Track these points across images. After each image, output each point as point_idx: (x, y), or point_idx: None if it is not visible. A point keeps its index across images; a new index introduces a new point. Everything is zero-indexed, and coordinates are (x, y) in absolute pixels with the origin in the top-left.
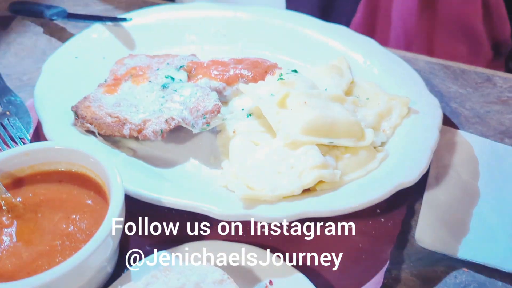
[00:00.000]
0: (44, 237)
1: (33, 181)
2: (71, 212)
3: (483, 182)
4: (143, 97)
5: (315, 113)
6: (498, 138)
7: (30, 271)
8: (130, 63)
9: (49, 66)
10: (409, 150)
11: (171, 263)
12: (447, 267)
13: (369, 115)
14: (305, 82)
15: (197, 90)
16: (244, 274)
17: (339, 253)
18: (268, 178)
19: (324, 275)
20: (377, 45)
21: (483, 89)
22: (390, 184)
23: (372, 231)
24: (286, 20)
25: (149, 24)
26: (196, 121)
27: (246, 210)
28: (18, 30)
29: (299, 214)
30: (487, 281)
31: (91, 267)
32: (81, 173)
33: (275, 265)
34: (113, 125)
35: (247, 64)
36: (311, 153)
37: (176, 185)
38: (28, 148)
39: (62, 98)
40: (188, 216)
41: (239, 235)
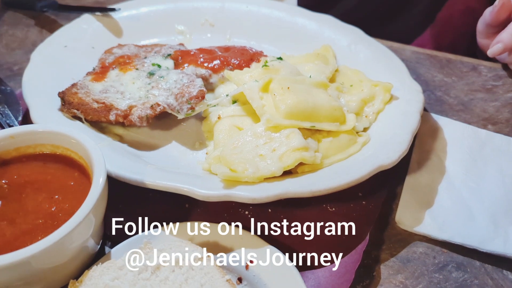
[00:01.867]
0: (28, 217)
1: (18, 163)
2: (55, 193)
3: (464, 167)
4: (129, 84)
5: (298, 98)
6: (481, 125)
7: (13, 248)
8: (119, 52)
9: (38, 55)
10: (390, 134)
11: (152, 242)
12: (426, 248)
13: (352, 101)
14: (290, 69)
15: (182, 77)
16: (224, 253)
17: (320, 234)
18: (250, 161)
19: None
20: (362, 34)
21: (468, 77)
22: (370, 166)
23: (353, 213)
24: (273, 10)
25: (138, 15)
26: (181, 106)
27: (227, 191)
28: (10, 22)
29: (279, 194)
30: (465, 260)
31: (72, 244)
32: (65, 155)
33: (256, 245)
34: (99, 111)
35: (233, 52)
36: (293, 136)
37: (160, 168)
38: (13, 131)
39: (50, 85)
40: (173, 199)
41: (221, 217)
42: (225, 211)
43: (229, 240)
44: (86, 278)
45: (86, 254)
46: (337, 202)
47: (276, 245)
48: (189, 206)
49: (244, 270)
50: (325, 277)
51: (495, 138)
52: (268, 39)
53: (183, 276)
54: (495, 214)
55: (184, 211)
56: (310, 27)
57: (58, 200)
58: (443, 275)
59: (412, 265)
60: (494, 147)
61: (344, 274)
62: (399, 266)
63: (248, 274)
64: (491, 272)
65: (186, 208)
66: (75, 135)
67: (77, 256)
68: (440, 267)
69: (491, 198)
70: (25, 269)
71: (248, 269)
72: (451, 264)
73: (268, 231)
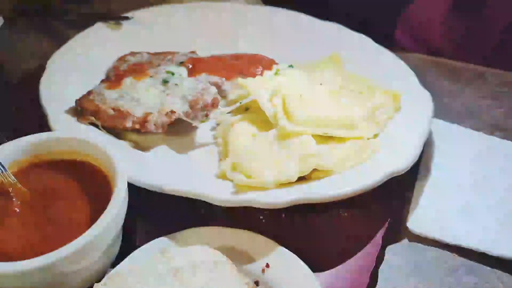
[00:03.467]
0: (51, 222)
1: (39, 170)
2: (76, 198)
3: (472, 172)
4: (144, 91)
5: (310, 105)
6: (488, 132)
7: (37, 253)
8: (132, 60)
9: (54, 63)
10: (401, 141)
11: (170, 247)
12: (438, 252)
13: (363, 108)
14: (301, 77)
15: (196, 85)
16: (241, 258)
17: (334, 239)
18: (265, 167)
19: (319, 259)
20: (370, 42)
21: (475, 84)
22: (383, 172)
23: (365, 218)
24: (283, 18)
25: (150, 23)
26: (196, 114)
27: (244, 196)
28: (23, 30)
29: (294, 200)
30: (476, 265)
31: (95, 249)
32: (85, 161)
33: (271, 249)
34: (115, 118)
35: (245, 60)
36: (306, 142)
37: (176, 174)
38: (33, 138)
39: (66, 92)
40: (188, 205)
41: (237, 222)
42: (240, 217)
43: (244, 245)
44: (109, 281)
45: (107, 258)
46: (349, 206)
47: (290, 249)
48: (205, 212)
49: (261, 273)
50: (339, 280)
51: (502, 144)
52: (278, 48)
53: (203, 280)
54: (504, 219)
55: (200, 217)
56: (319, 35)
57: (79, 206)
58: (455, 278)
59: (424, 269)
60: (502, 153)
61: (359, 279)
62: (411, 270)
63: (265, 278)
64: (502, 276)
65: (202, 214)
66: (95, 141)
67: (99, 260)
68: (452, 271)
69: (500, 203)
70: (49, 273)
71: (264, 273)
72: (462, 268)
73: (283, 235)
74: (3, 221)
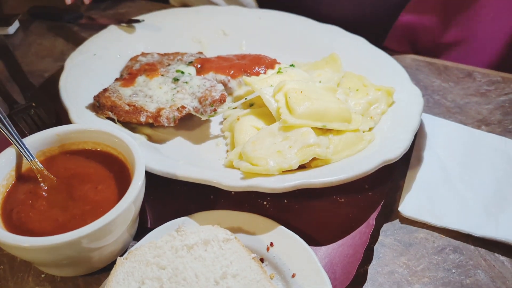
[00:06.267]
0: (76, 204)
1: (63, 158)
2: (98, 183)
3: (459, 162)
4: (156, 89)
5: (311, 101)
6: (475, 126)
7: (65, 230)
8: (143, 60)
9: (71, 62)
10: (393, 133)
11: (184, 226)
12: (426, 233)
13: (359, 103)
14: (302, 75)
15: (205, 82)
16: (247, 237)
17: (331, 221)
18: (269, 156)
19: (317, 239)
20: (366, 43)
21: (464, 83)
22: (376, 160)
23: (360, 203)
24: (284, 21)
25: (160, 25)
26: (204, 109)
27: (250, 182)
28: (37, 32)
29: (296, 185)
30: (461, 244)
31: (116, 227)
32: (105, 151)
33: (275, 229)
34: (131, 113)
35: (250, 60)
36: (307, 134)
37: (188, 163)
38: (59, 130)
39: (83, 89)
40: (199, 191)
41: (242, 207)
42: (246, 201)
43: (250, 226)
44: (130, 255)
45: (127, 236)
46: (346, 193)
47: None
48: (213, 197)
49: (265, 251)
50: (336, 257)
51: (488, 137)
52: (280, 48)
53: (214, 255)
54: (487, 203)
55: (210, 202)
56: (318, 36)
57: (101, 190)
58: (442, 257)
59: (414, 248)
60: (487, 145)
61: (354, 255)
62: (402, 249)
63: (269, 255)
64: (484, 254)
65: (211, 199)
66: (116, 133)
67: (120, 238)
68: (439, 250)
69: (484, 190)
70: (76, 248)
71: (269, 251)
72: (448, 248)
73: (284, 218)
74: (33, 203)
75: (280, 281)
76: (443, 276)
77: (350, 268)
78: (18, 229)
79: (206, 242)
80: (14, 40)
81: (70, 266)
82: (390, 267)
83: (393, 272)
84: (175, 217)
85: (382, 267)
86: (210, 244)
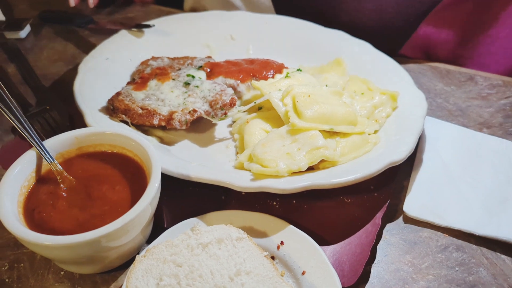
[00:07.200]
0: (95, 204)
1: (81, 160)
2: (116, 184)
3: (461, 164)
4: (168, 92)
5: (318, 104)
6: (477, 129)
7: (85, 230)
8: (154, 64)
9: (84, 66)
10: (398, 136)
11: (198, 226)
12: (430, 233)
13: (364, 107)
14: (309, 79)
15: (215, 86)
16: (258, 236)
17: (339, 221)
18: (279, 158)
19: (325, 237)
20: (371, 47)
21: (466, 86)
22: (382, 162)
23: (366, 203)
24: (290, 26)
25: (169, 30)
26: (215, 112)
27: (261, 183)
28: (49, 37)
29: (305, 186)
30: (464, 243)
31: (134, 227)
32: (121, 153)
33: (285, 229)
34: (144, 116)
35: (258, 64)
36: (315, 137)
37: (200, 165)
38: (78, 133)
39: (97, 93)
40: (210, 192)
41: (253, 208)
42: (256, 202)
43: (261, 225)
44: (148, 253)
45: (144, 236)
46: (352, 194)
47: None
48: (225, 198)
49: (276, 250)
50: (344, 255)
51: (489, 140)
52: (286, 53)
53: (228, 253)
54: (489, 203)
55: (221, 202)
56: (324, 41)
57: (119, 190)
58: (445, 255)
59: (419, 247)
60: (488, 147)
61: (361, 253)
62: (407, 248)
63: (279, 253)
64: (486, 253)
65: (222, 200)
66: (133, 136)
67: (137, 237)
68: (442, 248)
69: (486, 191)
70: (95, 247)
71: (279, 249)
72: (451, 246)
73: (294, 218)
74: (53, 203)
75: (290, 278)
76: (446, 273)
77: (357, 266)
78: (40, 228)
79: (220, 240)
80: (26, 44)
81: (88, 263)
82: (395, 265)
83: (399, 269)
84: (188, 216)
85: (388, 264)
86: (223, 243)
